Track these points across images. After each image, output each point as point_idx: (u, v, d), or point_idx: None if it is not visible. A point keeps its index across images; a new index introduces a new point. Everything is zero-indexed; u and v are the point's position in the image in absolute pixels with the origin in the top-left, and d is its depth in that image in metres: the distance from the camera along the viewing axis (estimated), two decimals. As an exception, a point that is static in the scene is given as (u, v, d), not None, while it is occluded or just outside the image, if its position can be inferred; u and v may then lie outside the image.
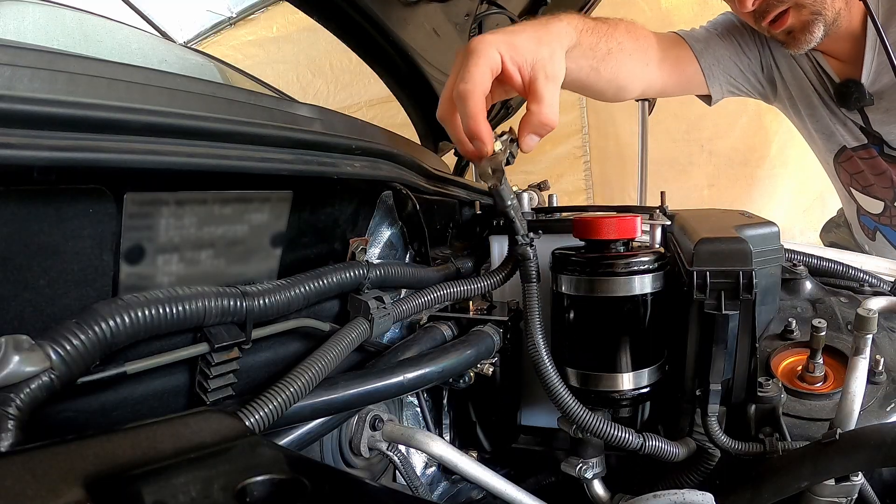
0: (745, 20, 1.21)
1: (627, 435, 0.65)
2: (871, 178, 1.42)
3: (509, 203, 0.69)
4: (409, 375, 0.64)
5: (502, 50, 0.70)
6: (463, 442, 0.88)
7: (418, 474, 0.75)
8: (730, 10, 1.27)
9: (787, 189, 2.98)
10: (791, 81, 1.32)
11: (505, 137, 0.66)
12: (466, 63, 0.68)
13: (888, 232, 1.50)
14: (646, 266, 0.66)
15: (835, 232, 1.84)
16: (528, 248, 0.71)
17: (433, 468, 0.88)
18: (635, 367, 0.68)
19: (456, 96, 0.67)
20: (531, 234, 0.72)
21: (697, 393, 0.64)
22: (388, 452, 0.69)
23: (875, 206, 1.48)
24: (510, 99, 1.31)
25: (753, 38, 1.30)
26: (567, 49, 0.81)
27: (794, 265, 0.86)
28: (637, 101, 2.24)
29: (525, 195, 0.94)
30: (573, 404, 0.66)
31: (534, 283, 0.71)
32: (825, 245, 1.89)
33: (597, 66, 1.00)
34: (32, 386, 0.38)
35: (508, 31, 0.74)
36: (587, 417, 0.65)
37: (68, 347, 0.40)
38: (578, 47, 0.90)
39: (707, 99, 1.36)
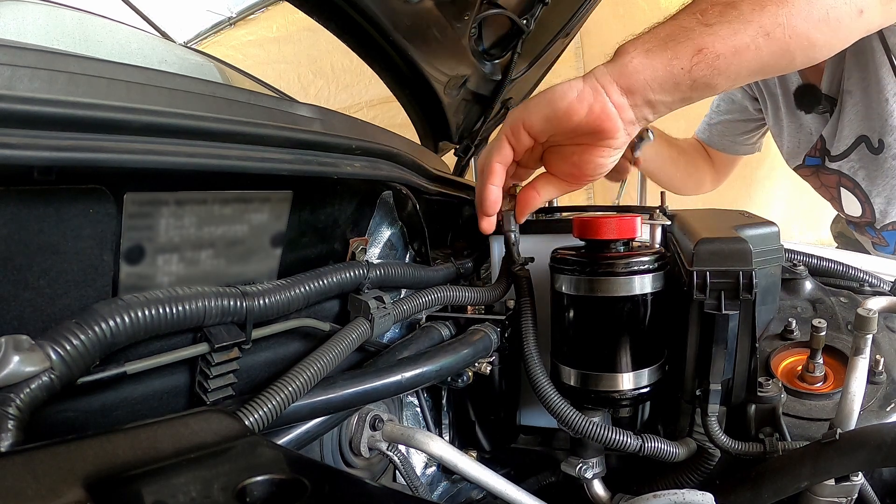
0: None
1: (626, 438, 0.65)
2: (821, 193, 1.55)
3: (513, 228, 0.78)
4: (407, 374, 0.65)
5: None
6: (463, 442, 0.88)
7: (418, 474, 0.75)
8: None
9: (786, 189, 2.98)
10: (762, 84, 1.45)
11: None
12: None
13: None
14: (646, 266, 0.66)
15: (842, 223, 1.88)
16: (524, 269, 0.78)
17: (433, 468, 0.88)
18: (635, 367, 0.68)
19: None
20: (526, 259, 0.79)
21: (697, 393, 0.64)
22: (388, 452, 0.69)
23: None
24: (509, 98, 1.31)
25: (741, 90, 1.50)
26: None
27: (794, 265, 0.86)
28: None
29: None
30: (571, 414, 0.66)
31: (527, 299, 0.75)
32: (833, 235, 1.93)
33: None
34: (32, 386, 0.38)
35: None
36: (586, 425, 0.65)
37: (68, 347, 0.40)
38: None
39: None
